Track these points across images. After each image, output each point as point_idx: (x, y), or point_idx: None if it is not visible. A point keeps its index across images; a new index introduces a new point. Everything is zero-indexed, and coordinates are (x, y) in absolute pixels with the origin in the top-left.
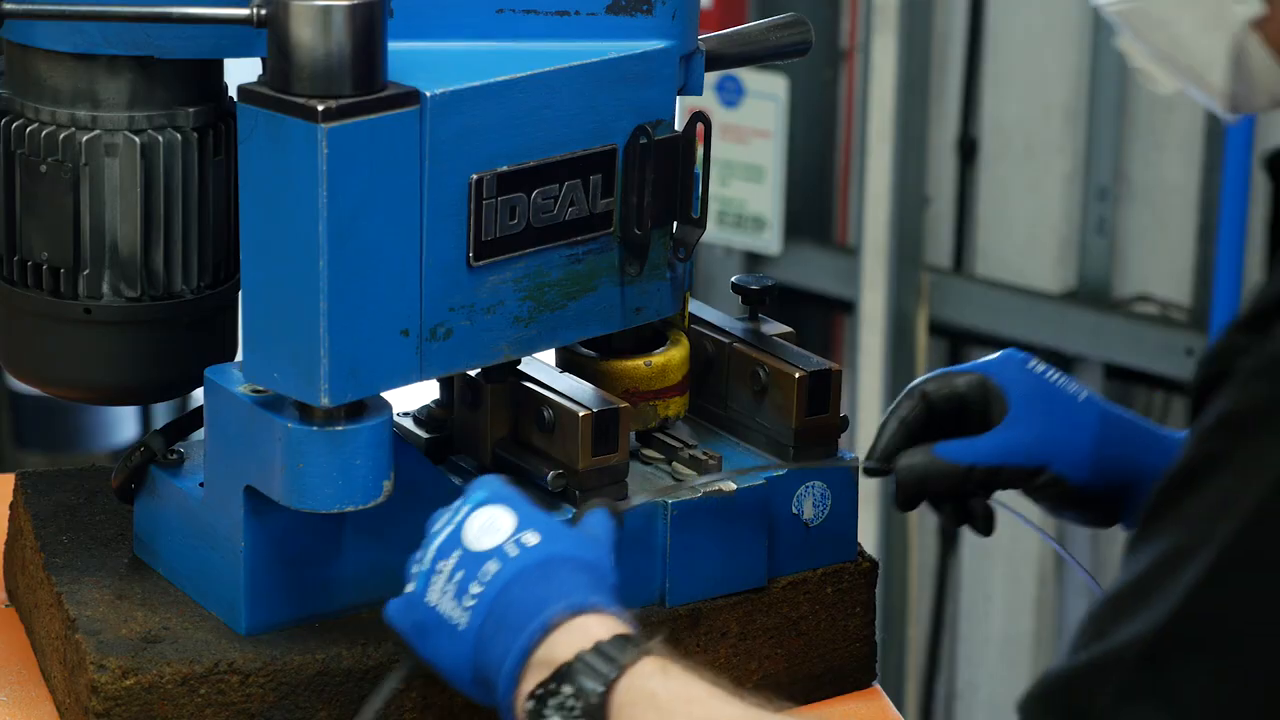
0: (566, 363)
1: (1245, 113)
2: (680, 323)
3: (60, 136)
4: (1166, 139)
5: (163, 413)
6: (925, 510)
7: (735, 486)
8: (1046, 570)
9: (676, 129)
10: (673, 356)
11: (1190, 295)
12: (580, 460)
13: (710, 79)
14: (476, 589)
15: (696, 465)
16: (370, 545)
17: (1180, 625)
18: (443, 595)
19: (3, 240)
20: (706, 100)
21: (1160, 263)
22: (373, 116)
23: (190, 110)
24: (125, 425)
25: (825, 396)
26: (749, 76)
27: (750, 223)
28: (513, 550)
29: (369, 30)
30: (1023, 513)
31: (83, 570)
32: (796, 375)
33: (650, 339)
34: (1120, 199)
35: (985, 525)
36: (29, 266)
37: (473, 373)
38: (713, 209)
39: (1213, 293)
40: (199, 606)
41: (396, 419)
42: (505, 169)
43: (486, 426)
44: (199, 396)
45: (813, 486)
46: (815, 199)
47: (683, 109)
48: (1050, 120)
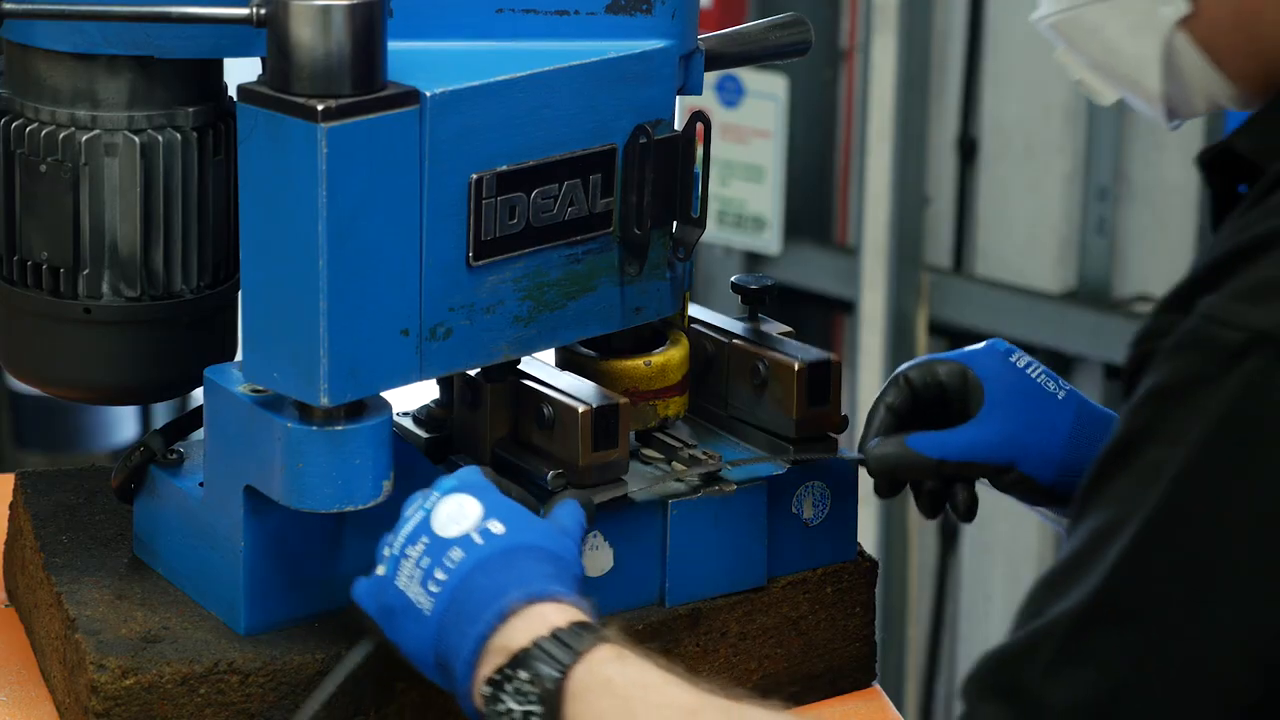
0: (566, 363)
1: (1185, 117)
2: (680, 323)
3: (60, 136)
4: (1166, 139)
5: (163, 413)
6: None
7: (735, 486)
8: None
9: (676, 129)
10: (672, 356)
11: None
12: (581, 456)
13: (710, 79)
14: (441, 575)
15: (696, 465)
16: (370, 545)
17: (1107, 596)
18: (410, 580)
19: (3, 240)
20: (706, 100)
21: (1160, 263)
22: (372, 116)
23: (190, 110)
24: (125, 425)
25: (825, 388)
26: (749, 76)
27: (750, 223)
28: (478, 539)
29: (369, 30)
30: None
31: (82, 570)
32: (796, 366)
33: (650, 339)
34: (1120, 199)
35: (967, 513)
36: (29, 266)
37: (472, 372)
38: (713, 209)
39: None
40: (199, 606)
41: (396, 419)
42: (505, 169)
43: (486, 426)
44: (199, 396)
45: (813, 486)
46: (815, 199)
47: (682, 109)
48: (1050, 120)
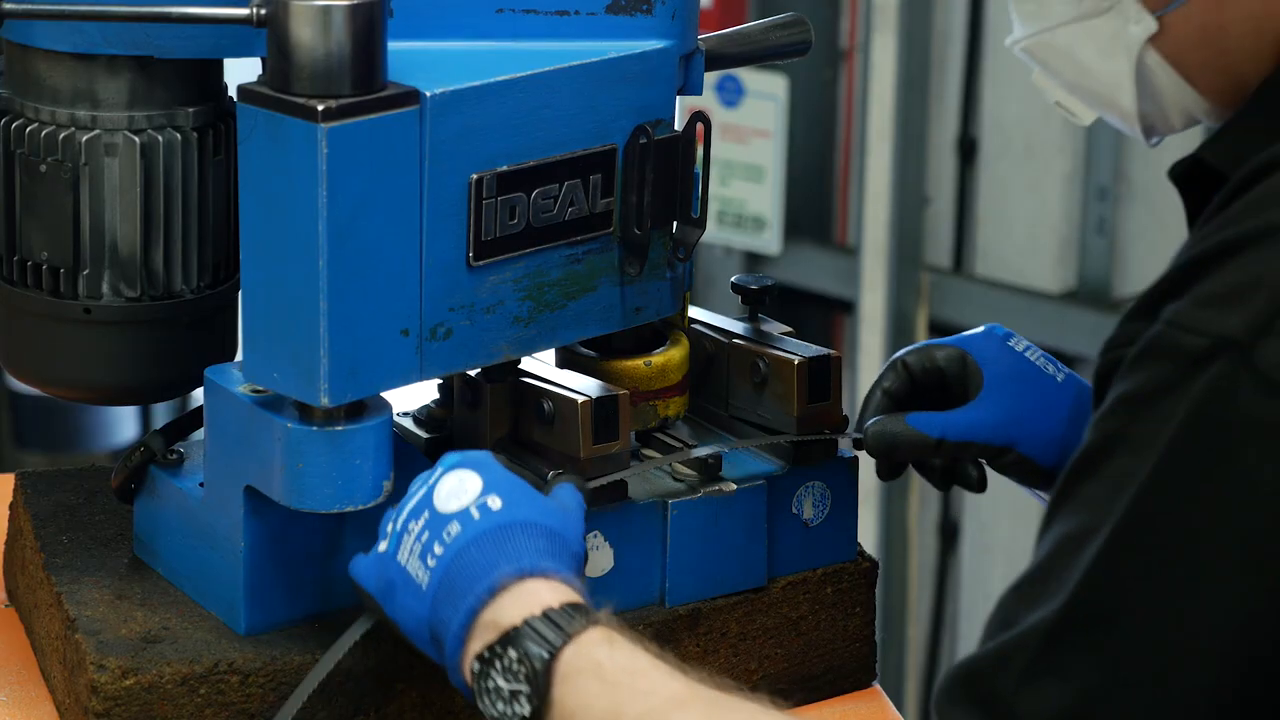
0: (566, 363)
1: (1163, 133)
2: (680, 323)
3: (60, 136)
4: (1166, 139)
5: (163, 413)
6: (925, 510)
7: (735, 486)
8: None
9: (676, 129)
10: (672, 356)
11: None
12: (581, 449)
13: (710, 79)
14: (438, 549)
15: (696, 465)
16: (370, 546)
17: (1078, 606)
18: (410, 555)
19: (3, 240)
20: (706, 100)
21: (1160, 263)
22: (372, 116)
23: (190, 110)
24: (125, 425)
25: (826, 384)
26: (749, 76)
27: (750, 223)
28: (475, 513)
29: (369, 30)
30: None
31: (82, 570)
32: (796, 362)
33: (650, 339)
34: (1120, 199)
35: (979, 484)
36: (29, 266)
37: (472, 372)
38: (713, 209)
39: None
40: (199, 606)
41: (396, 419)
42: (505, 169)
43: (486, 426)
44: (199, 396)
45: (813, 486)
46: (815, 199)
47: (683, 109)
48: (1050, 120)
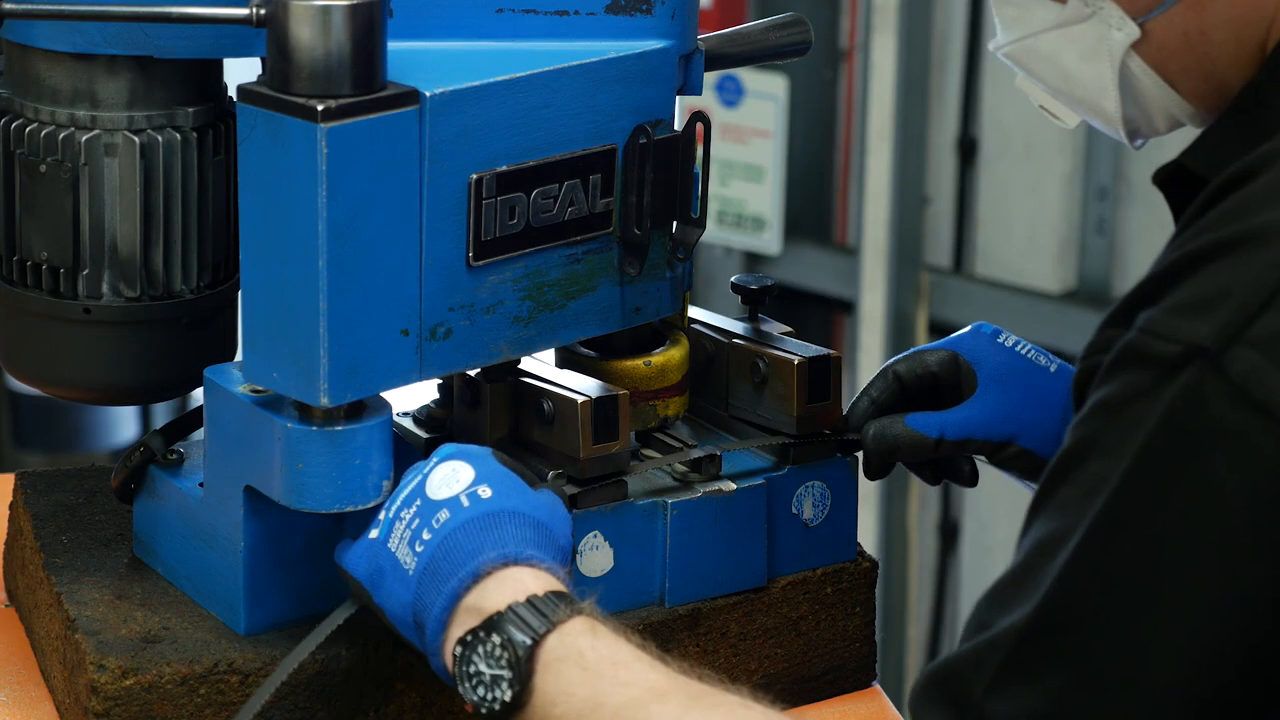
0: (566, 363)
1: (1147, 136)
2: (680, 323)
3: (60, 136)
4: (1166, 139)
5: (163, 413)
6: (925, 510)
7: (735, 486)
8: None
9: (676, 129)
10: (672, 356)
11: None
12: (581, 449)
13: (710, 79)
14: (427, 535)
15: (696, 465)
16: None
17: (1051, 608)
18: (400, 541)
19: (3, 240)
20: (706, 100)
21: None
22: (372, 116)
23: (190, 110)
24: (125, 425)
25: (825, 383)
26: (749, 76)
27: (750, 223)
28: (465, 501)
29: (368, 30)
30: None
31: (82, 570)
32: (796, 361)
33: (650, 339)
34: (1120, 199)
35: (971, 477)
36: (29, 266)
37: (472, 372)
38: (712, 209)
39: None
40: (198, 606)
41: (396, 419)
42: (505, 169)
43: (486, 426)
44: (199, 396)
45: (812, 486)
46: (815, 199)
47: (682, 109)
48: (1050, 120)
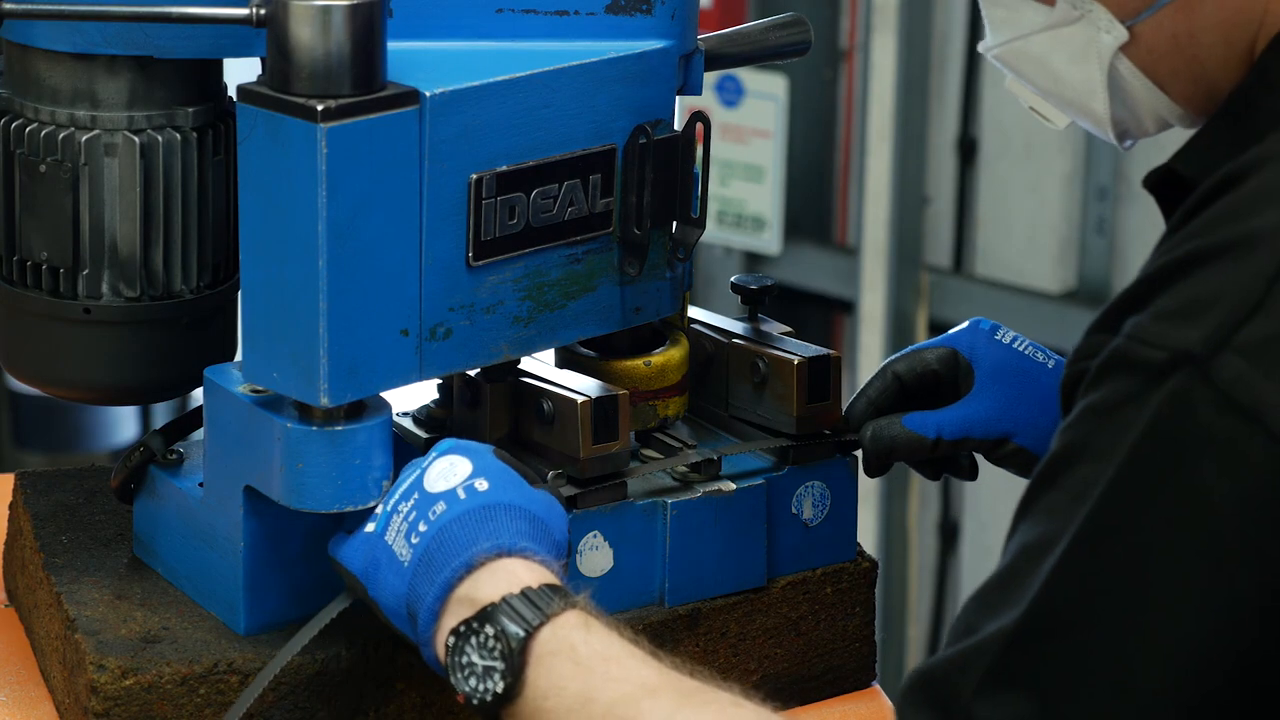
0: (566, 363)
1: (1137, 138)
2: (679, 323)
3: (60, 136)
4: (1166, 139)
5: (163, 413)
6: (925, 510)
7: (735, 486)
8: None
9: (676, 129)
10: (672, 356)
11: None
12: (581, 449)
13: (710, 79)
14: (423, 527)
15: (696, 465)
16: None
17: (1037, 614)
18: (397, 534)
19: (3, 240)
20: (706, 100)
21: None
22: (372, 116)
23: (190, 110)
24: (125, 425)
25: (825, 383)
26: (749, 76)
27: (750, 223)
28: (462, 493)
29: (368, 30)
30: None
31: (82, 570)
32: (796, 362)
33: (649, 339)
34: (1120, 199)
35: (970, 472)
36: (29, 266)
37: (472, 372)
38: (712, 209)
39: None
40: (198, 606)
41: (396, 419)
42: (505, 169)
43: (486, 426)
44: (199, 396)
45: (812, 486)
46: (815, 199)
47: (682, 109)
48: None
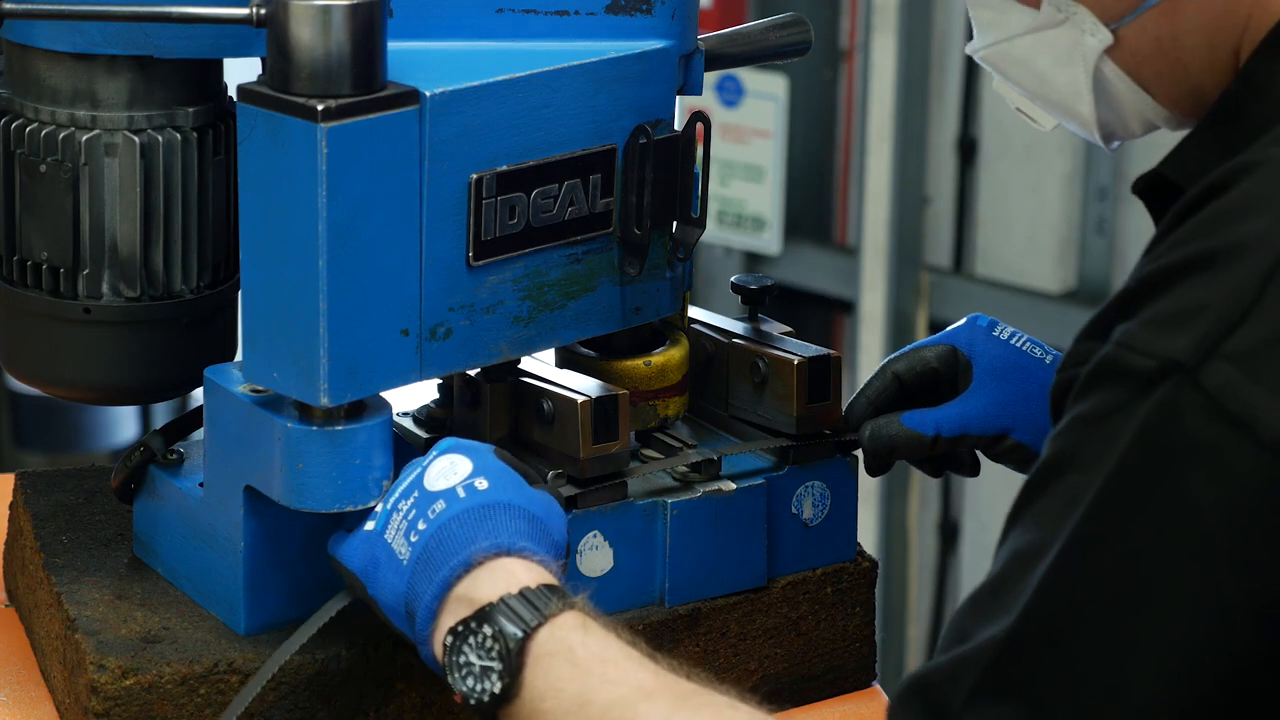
0: (566, 363)
1: (1123, 139)
2: (679, 323)
3: (60, 136)
4: (1166, 138)
5: (163, 413)
6: (925, 510)
7: (735, 486)
8: None
9: (676, 129)
10: (672, 356)
11: None
12: (581, 449)
13: (710, 79)
14: (422, 525)
15: (696, 465)
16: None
17: (1029, 622)
18: (396, 532)
19: (3, 240)
20: (706, 100)
21: None
22: (372, 116)
23: (190, 110)
24: (125, 425)
25: (825, 383)
26: (749, 76)
27: (750, 223)
28: (461, 492)
29: (369, 30)
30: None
31: (82, 570)
32: (796, 362)
33: (650, 339)
34: (1120, 199)
35: (972, 468)
36: (29, 266)
37: (472, 372)
38: (712, 209)
39: None
40: (198, 606)
41: (396, 419)
42: (505, 169)
43: (486, 426)
44: (199, 396)
45: (812, 486)
46: (815, 199)
47: (682, 109)
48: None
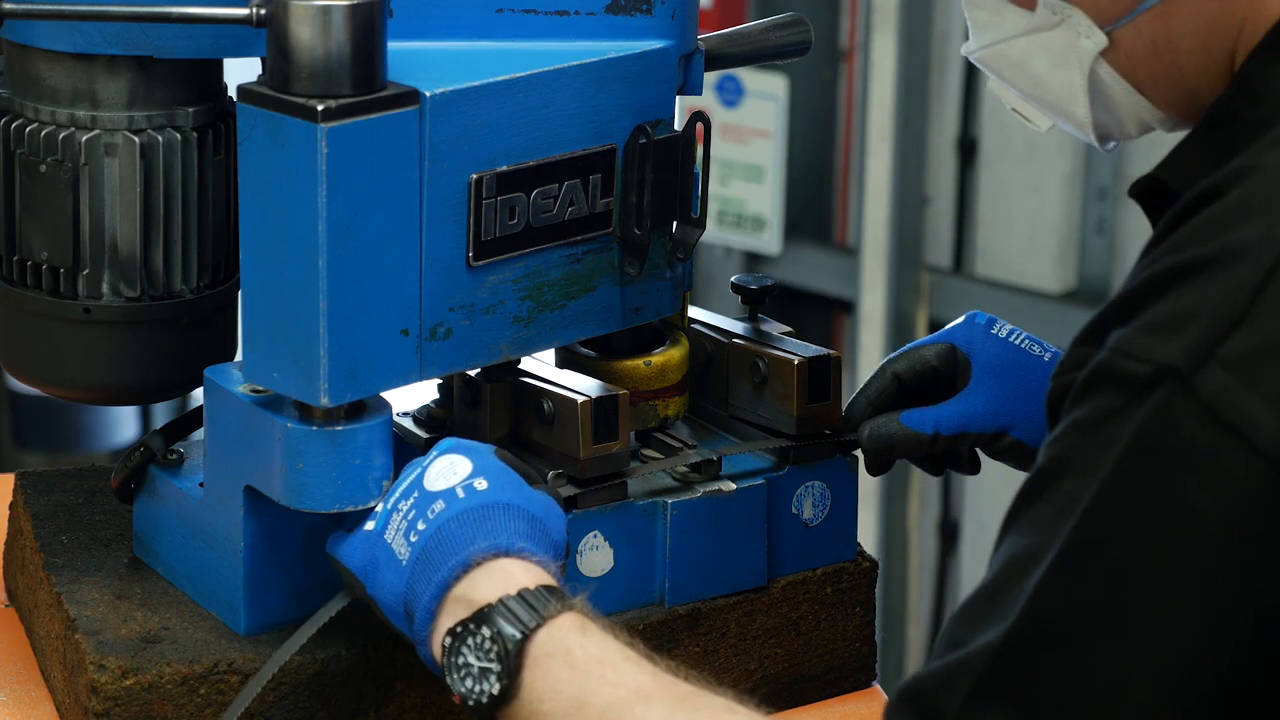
0: (566, 363)
1: (1119, 140)
2: (680, 323)
3: (60, 136)
4: (1166, 138)
5: (163, 413)
6: (925, 510)
7: (735, 486)
8: None
9: (676, 129)
10: (672, 356)
11: None
12: (581, 449)
13: (710, 79)
14: (422, 525)
15: (696, 465)
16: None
17: (1025, 626)
18: (396, 532)
19: (3, 240)
20: (706, 100)
21: None
22: (372, 116)
23: (190, 110)
24: (125, 425)
25: (825, 384)
26: (749, 76)
27: (750, 223)
28: (461, 492)
29: (368, 30)
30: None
31: (82, 570)
32: (796, 362)
33: (650, 339)
34: (1120, 199)
35: (972, 466)
36: (29, 266)
37: (472, 372)
38: (712, 209)
39: None
40: (198, 606)
41: (396, 419)
42: (505, 169)
43: (486, 426)
44: (199, 396)
45: (812, 486)
46: (815, 199)
47: (682, 109)
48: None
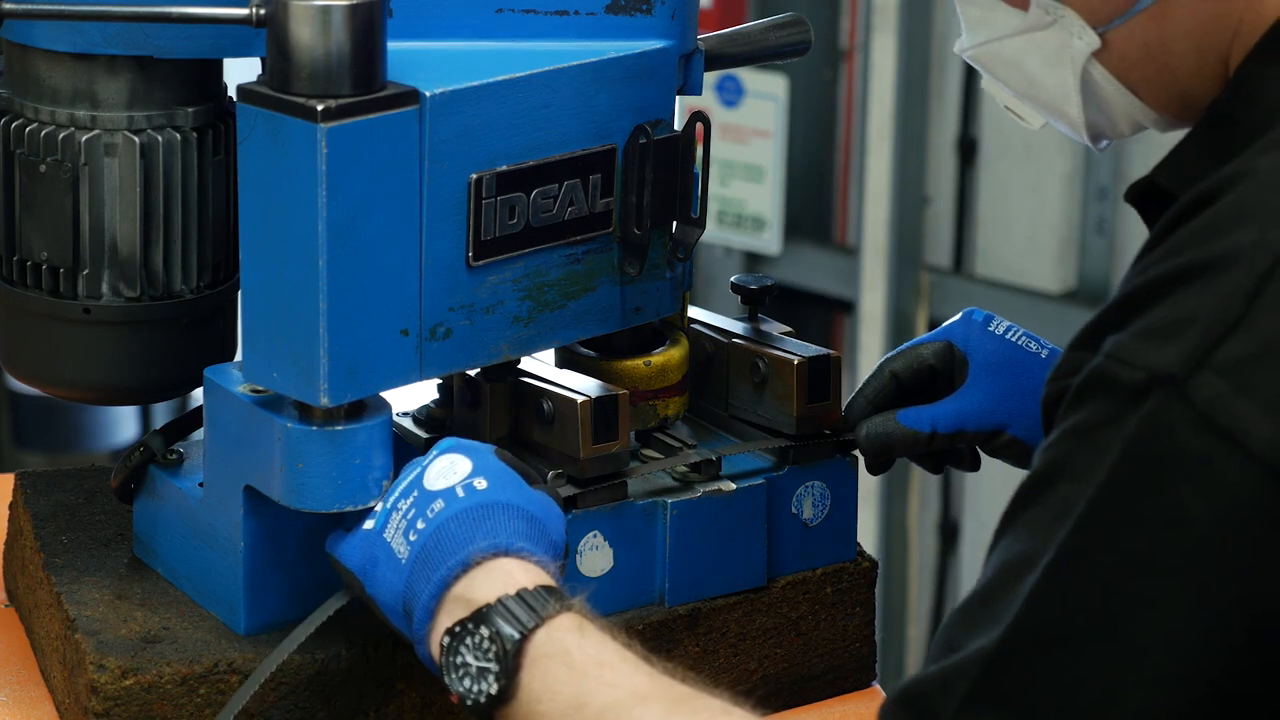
0: (566, 363)
1: (1112, 139)
2: (680, 323)
3: (60, 136)
4: (1166, 138)
5: (163, 413)
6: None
7: (735, 486)
8: None
9: (676, 129)
10: (672, 356)
11: None
12: (581, 449)
13: (710, 79)
14: (421, 525)
15: (696, 465)
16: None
17: (1020, 631)
18: (395, 531)
19: (3, 240)
20: (706, 100)
21: None
22: (372, 116)
23: (190, 110)
24: (125, 425)
25: (825, 384)
26: (749, 76)
27: (750, 223)
28: (460, 492)
29: (368, 30)
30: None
31: (82, 570)
32: (796, 362)
33: (650, 339)
34: (1120, 199)
35: (972, 464)
36: (29, 266)
37: (472, 372)
38: (712, 209)
39: None
40: (198, 606)
41: (396, 419)
42: (505, 169)
43: (486, 426)
44: (199, 396)
45: (812, 486)
46: (815, 199)
47: (682, 109)
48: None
